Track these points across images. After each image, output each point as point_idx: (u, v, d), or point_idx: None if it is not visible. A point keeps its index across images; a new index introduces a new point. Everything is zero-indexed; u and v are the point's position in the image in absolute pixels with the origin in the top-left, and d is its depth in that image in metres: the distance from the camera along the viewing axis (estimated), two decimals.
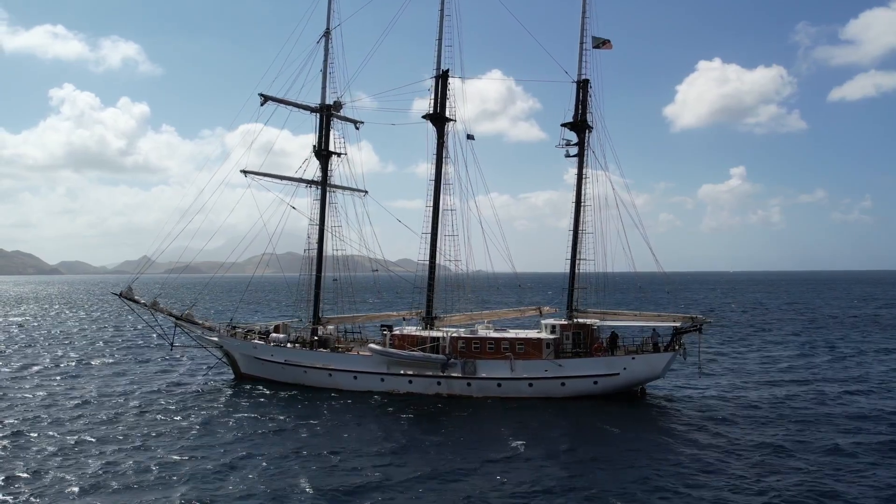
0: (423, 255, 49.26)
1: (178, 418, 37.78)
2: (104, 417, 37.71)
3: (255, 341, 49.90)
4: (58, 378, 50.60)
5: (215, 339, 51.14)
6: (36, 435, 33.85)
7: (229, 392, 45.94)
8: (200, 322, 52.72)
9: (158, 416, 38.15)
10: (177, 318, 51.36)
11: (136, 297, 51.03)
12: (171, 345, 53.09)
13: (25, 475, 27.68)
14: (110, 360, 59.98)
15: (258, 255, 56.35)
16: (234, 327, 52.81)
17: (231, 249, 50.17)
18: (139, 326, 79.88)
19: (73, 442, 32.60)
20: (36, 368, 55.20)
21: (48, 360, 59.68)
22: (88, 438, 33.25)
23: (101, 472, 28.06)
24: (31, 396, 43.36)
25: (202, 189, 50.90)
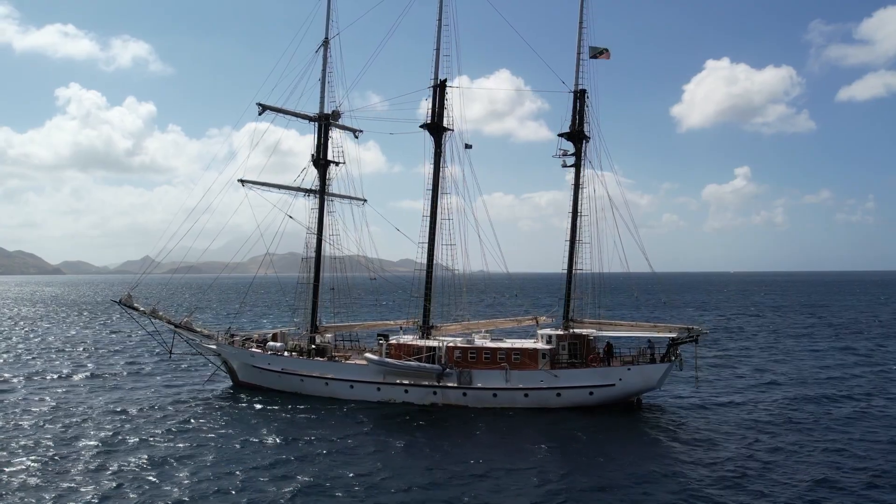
0: (421, 261, 49.47)
1: (175, 425, 37.96)
2: (101, 425, 37.81)
3: (253, 350, 50.09)
4: (55, 384, 50.70)
5: (213, 346, 51.36)
6: (34, 439, 33.98)
7: (226, 400, 46.11)
8: (199, 330, 53.02)
9: (155, 423, 38.27)
10: (175, 326, 51.58)
11: (135, 305, 51.31)
12: (170, 352, 53.50)
13: (18, 481, 27.81)
14: (108, 366, 60.03)
15: (261, 255, 56.37)
16: (232, 335, 53.01)
17: (233, 250, 50.45)
18: (138, 332, 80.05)
19: (69, 447, 32.66)
20: (32, 375, 55.28)
21: (43, 367, 59.80)
22: (83, 445, 33.33)
23: (95, 478, 28.16)
24: (27, 402, 43.47)
25: (207, 189, 51.15)
